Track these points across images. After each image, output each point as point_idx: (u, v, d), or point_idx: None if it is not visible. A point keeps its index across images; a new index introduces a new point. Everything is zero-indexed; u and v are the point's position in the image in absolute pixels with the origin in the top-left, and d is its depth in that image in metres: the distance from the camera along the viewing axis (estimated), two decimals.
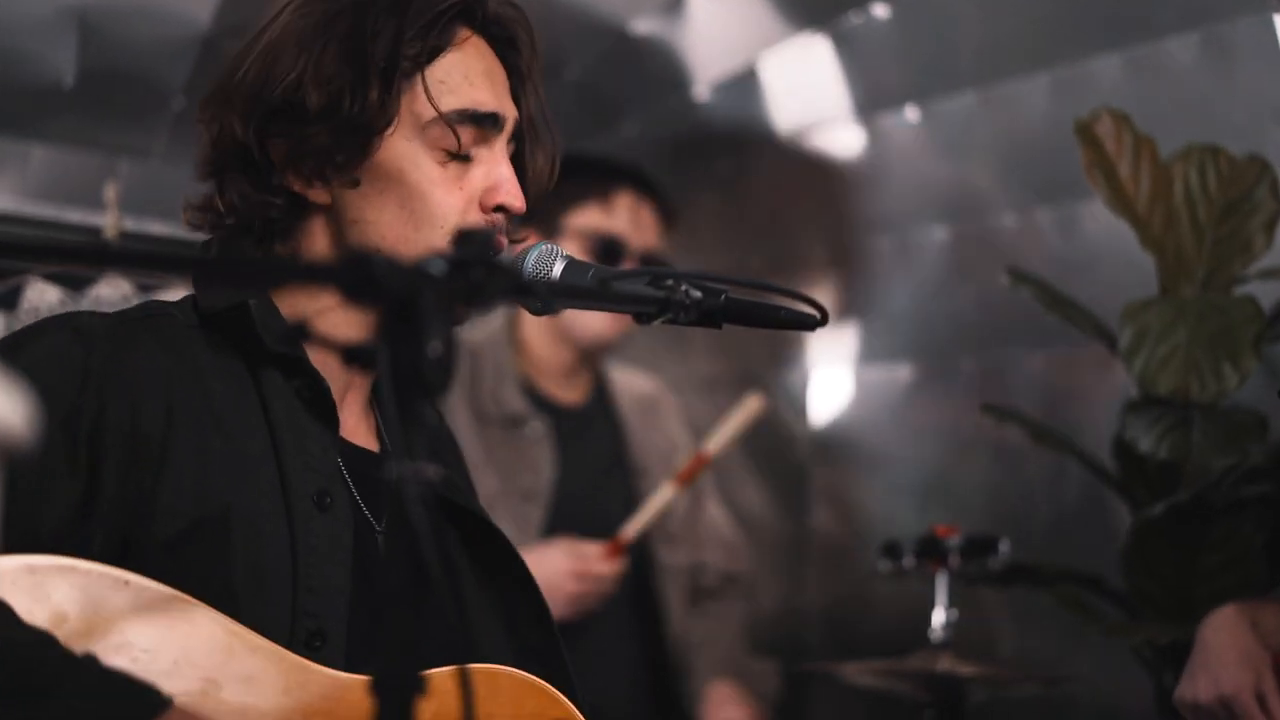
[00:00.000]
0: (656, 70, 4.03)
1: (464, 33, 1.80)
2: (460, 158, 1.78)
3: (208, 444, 1.69)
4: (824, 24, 3.73)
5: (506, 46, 1.85)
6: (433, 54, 1.77)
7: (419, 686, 1.13)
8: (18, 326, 2.89)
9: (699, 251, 4.34)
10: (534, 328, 3.48)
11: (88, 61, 3.52)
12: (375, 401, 1.90)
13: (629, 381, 3.69)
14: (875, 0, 3.59)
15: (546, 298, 1.43)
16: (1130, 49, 3.24)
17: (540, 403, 3.48)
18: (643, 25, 3.87)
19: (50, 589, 1.45)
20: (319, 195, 1.79)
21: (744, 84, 3.99)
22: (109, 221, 3.60)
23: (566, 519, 3.38)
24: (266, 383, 1.75)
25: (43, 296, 2.88)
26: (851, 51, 3.73)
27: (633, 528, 3.30)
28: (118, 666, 1.45)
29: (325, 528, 1.72)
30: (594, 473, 3.51)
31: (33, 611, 1.44)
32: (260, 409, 1.74)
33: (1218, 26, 3.09)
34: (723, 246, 4.30)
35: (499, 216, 1.77)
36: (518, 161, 1.85)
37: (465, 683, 1.14)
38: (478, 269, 1.18)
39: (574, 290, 1.58)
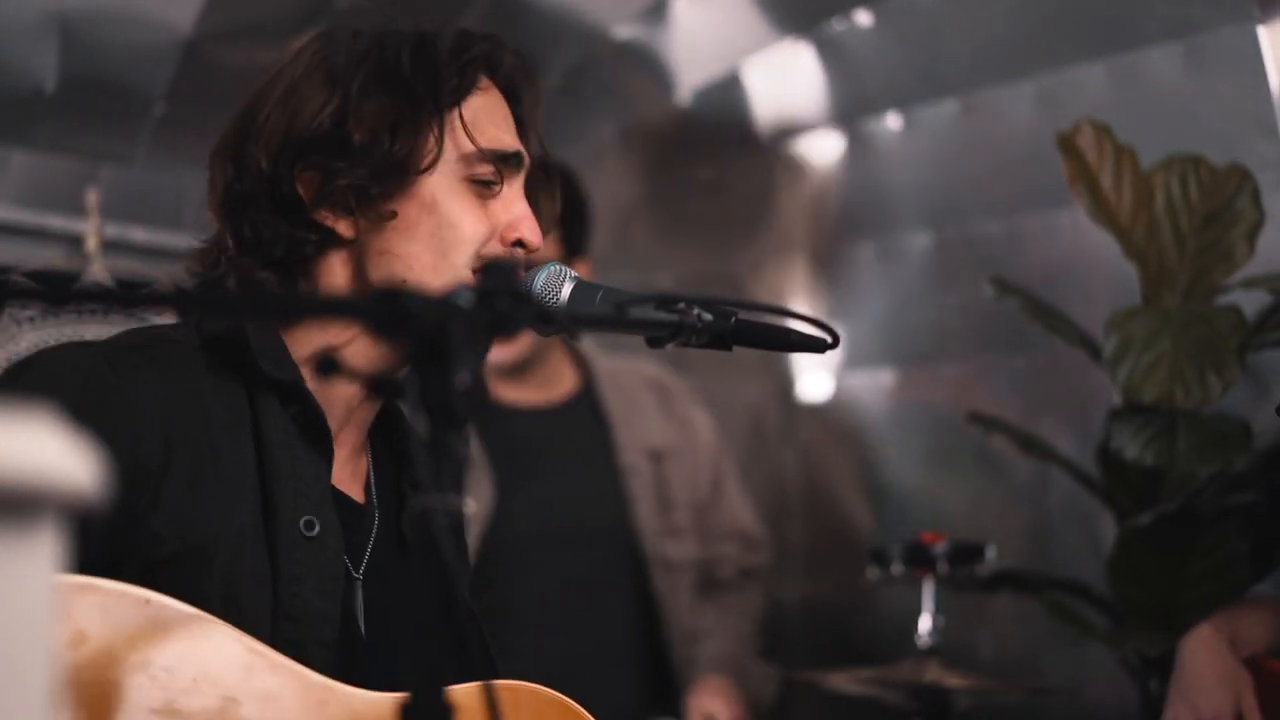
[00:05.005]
0: (639, 75, 4.03)
1: (485, 80, 1.87)
2: (485, 186, 1.82)
3: (201, 470, 1.69)
4: (808, 30, 3.74)
5: (513, 96, 1.91)
6: (463, 94, 1.82)
7: (448, 714, 1.13)
8: None
9: (682, 256, 4.35)
10: None
11: (69, 67, 3.51)
12: (367, 451, 1.91)
13: (630, 369, 3.63)
14: (859, 7, 3.60)
15: (565, 326, 1.44)
16: (1113, 58, 3.26)
17: (504, 411, 3.45)
18: (626, 30, 3.88)
19: (71, 608, 1.46)
20: (346, 230, 1.80)
21: (727, 89, 4.00)
22: (90, 228, 3.58)
23: (547, 520, 3.37)
24: (262, 407, 1.75)
25: (22, 308, 2.86)
26: (835, 58, 3.75)
27: None
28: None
29: (311, 556, 1.72)
30: (576, 470, 3.48)
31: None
32: (253, 433, 1.74)
33: (1200, 36, 3.12)
34: (705, 251, 4.31)
35: (518, 251, 1.81)
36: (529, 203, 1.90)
37: (491, 700, 1.15)
38: (504, 299, 1.18)
39: (590, 317, 1.59)
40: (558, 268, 1.71)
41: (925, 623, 2.84)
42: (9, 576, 0.72)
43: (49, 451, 0.74)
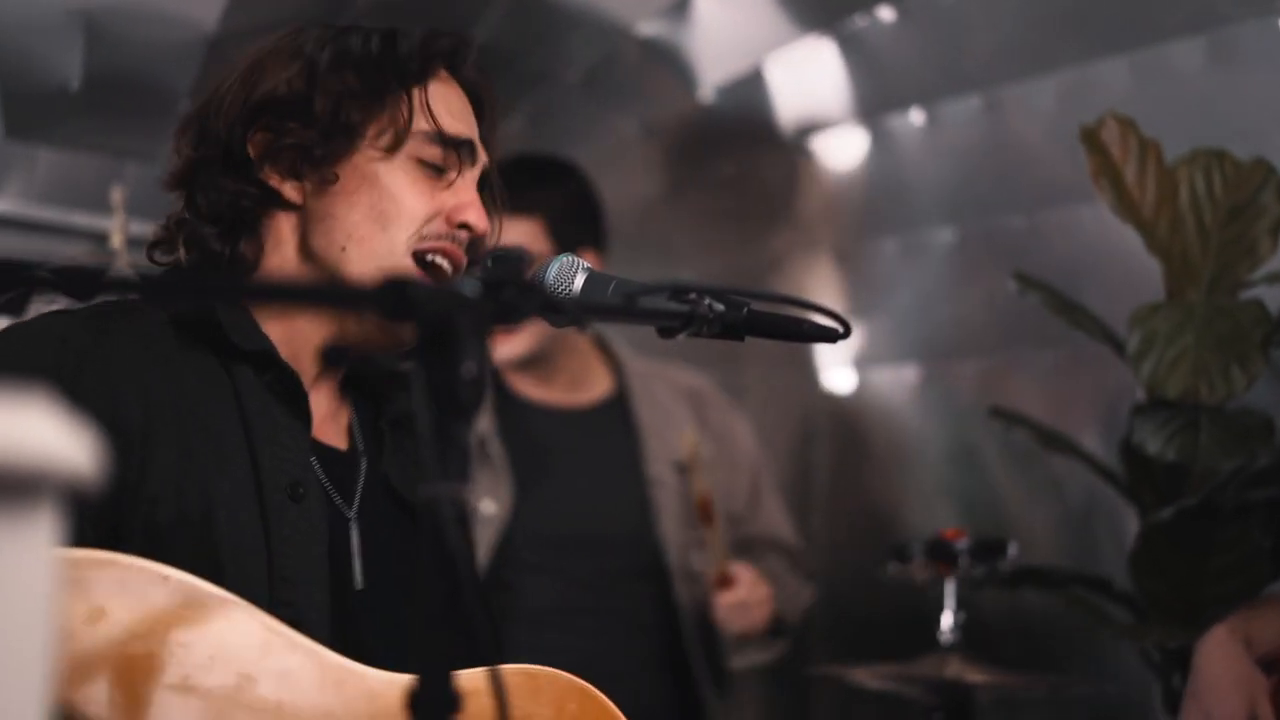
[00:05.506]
0: (662, 72, 4.03)
1: (446, 74, 1.93)
2: (434, 171, 1.87)
3: (186, 436, 1.73)
4: (830, 26, 3.74)
5: (476, 102, 1.97)
6: (425, 79, 1.88)
7: (456, 703, 1.14)
8: None
9: (704, 253, 4.35)
10: None
11: (94, 65, 3.52)
12: (345, 397, 1.95)
13: (666, 376, 3.59)
14: (881, 3, 3.60)
15: (574, 315, 1.44)
16: (1136, 52, 3.25)
17: (530, 410, 3.45)
18: (649, 27, 3.88)
19: (90, 583, 1.47)
20: (292, 191, 1.85)
21: (750, 86, 4.00)
22: (115, 225, 3.60)
23: (564, 524, 3.36)
24: (239, 377, 1.80)
25: (49, 305, 2.89)
26: (857, 54, 3.74)
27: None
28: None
29: (299, 518, 1.77)
30: (598, 476, 3.46)
31: (71, 605, 1.46)
32: (234, 403, 1.79)
33: (1224, 30, 3.10)
34: (728, 248, 4.31)
35: (463, 233, 1.87)
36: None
37: (498, 684, 1.15)
38: (510, 289, 1.19)
39: (600, 307, 1.60)
40: (570, 258, 1.72)
41: (947, 619, 2.84)
42: (8, 557, 0.73)
43: (47, 432, 0.74)
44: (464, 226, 1.86)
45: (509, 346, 3.35)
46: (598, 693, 1.75)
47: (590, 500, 3.41)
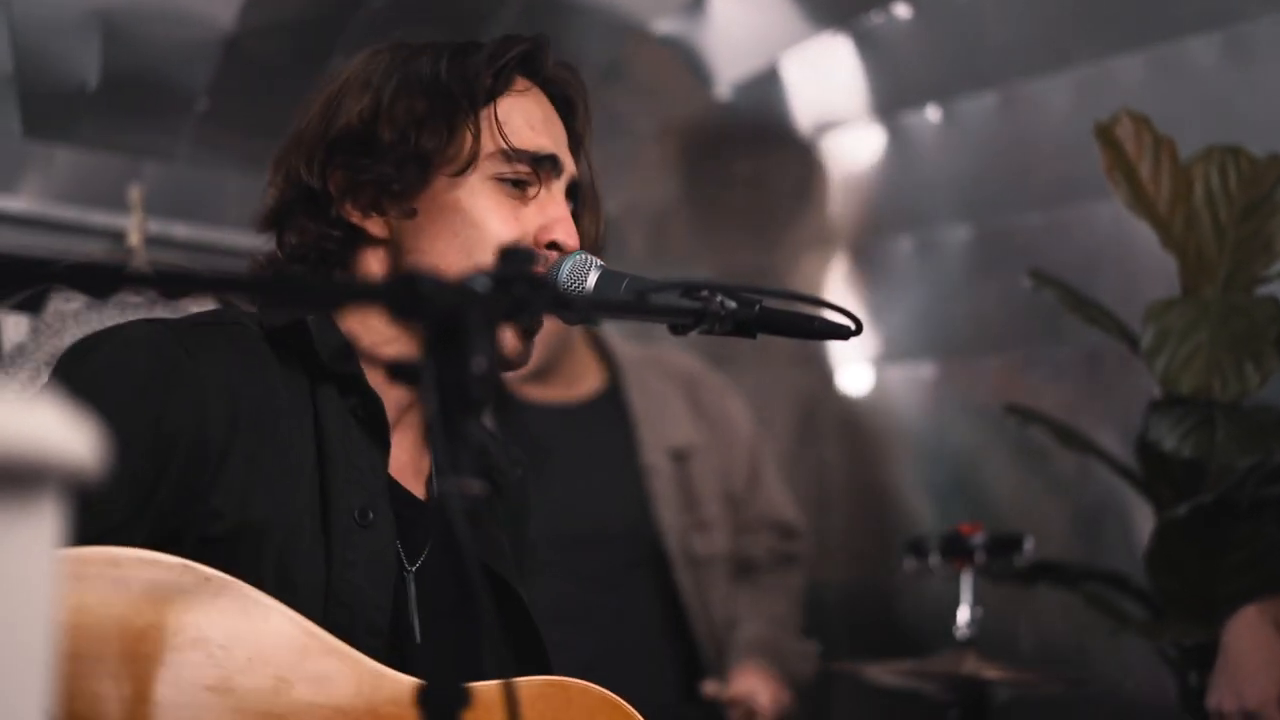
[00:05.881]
0: (678, 70, 4.04)
1: (524, 83, 1.85)
2: (518, 188, 1.80)
3: (261, 452, 1.70)
4: (845, 23, 3.74)
5: (563, 106, 1.89)
6: (496, 94, 1.81)
7: (464, 699, 1.14)
8: (43, 330, 2.91)
9: (720, 250, 4.35)
10: None
11: (112, 64, 3.54)
12: (429, 444, 1.90)
13: (659, 363, 3.59)
14: (897, 0, 3.60)
15: (585, 312, 1.44)
16: (1152, 48, 3.24)
17: (526, 409, 3.44)
18: (665, 25, 3.89)
19: (131, 581, 1.48)
20: (376, 227, 1.81)
21: (766, 83, 4.00)
22: (133, 223, 3.61)
23: (565, 520, 3.35)
24: (322, 397, 1.77)
25: (67, 303, 2.90)
26: (873, 51, 3.74)
27: None
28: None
29: (365, 544, 1.73)
30: (596, 470, 3.47)
31: (111, 602, 1.47)
32: (313, 422, 1.76)
33: (1240, 26, 3.10)
34: (744, 246, 4.31)
35: (552, 253, 1.78)
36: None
37: (510, 696, 1.15)
38: (520, 284, 1.19)
39: (611, 304, 1.60)
40: (583, 256, 1.72)
41: (964, 614, 2.84)
42: (9, 549, 0.73)
43: (49, 425, 0.75)
44: (553, 245, 1.79)
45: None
46: (628, 707, 1.75)
47: (589, 495, 3.42)
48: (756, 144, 4.17)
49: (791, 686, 3.40)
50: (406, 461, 1.86)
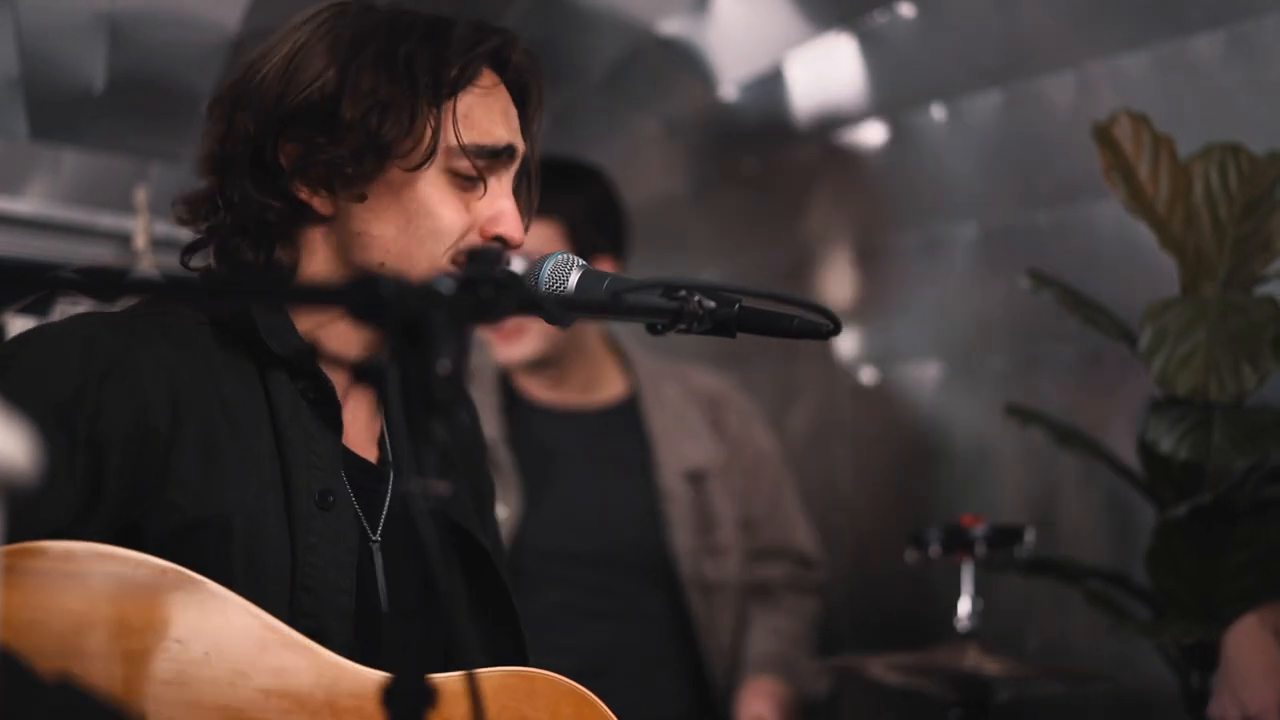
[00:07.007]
0: (682, 70, 4.04)
1: (490, 77, 1.86)
2: (467, 181, 1.82)
3: (214, 439, 1.72)
4: (849, 23, 3.73)
5: (519, 92, 1.91)
6: (463, 85, 1.82)
7: (429, 697, 1.15)
8: None
9: (726, 251, 4.35)
10: None
11: (118, 67, 3.55)
12: (381, 409, 1.92)
13: (682, 380, 3.55)
14: None
15: (556, 312, 1.45)
16: (1156, 46, 3.23)
17: (538, 412, 3.44)
18: (669, 25, 3.89)
19: (88, 575, 1.49)
20: (323, 205, 1.81)
21: (770, 83, 4.00)
22: (139, 226, 3.62)
23: (570, 528, 3.35)
24: (273, 382, 1.78)
25: (74, 306, 2.92)
26: (877, 50, 3.74)
27: None
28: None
29: (326, 527, 1.75)
30: (606, 480, 3.44)
31: (66, 597, 1.48)
32: (266, 408, 1.77)
33: (1245, 24, 3.08)
34: (749, 245, 4.31)
35: (496, 246, 1.81)
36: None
37: (473, 688, 1.16)
38: (486, 286, 1.19)
39: (588, 304, 1.60)
40: (565, 256, 1.72)
41: (965, 605, 2.83)
42: None
43: None
44: (498, 239, 1.82)
45: (518, 348, 3.34)
46: (594, 698, 1.76)
47: (600, 509, 3.39)
48: (762, 143, 4.17)
49: (802, 706, 3.38)
50: (360, 429, 1.88)
